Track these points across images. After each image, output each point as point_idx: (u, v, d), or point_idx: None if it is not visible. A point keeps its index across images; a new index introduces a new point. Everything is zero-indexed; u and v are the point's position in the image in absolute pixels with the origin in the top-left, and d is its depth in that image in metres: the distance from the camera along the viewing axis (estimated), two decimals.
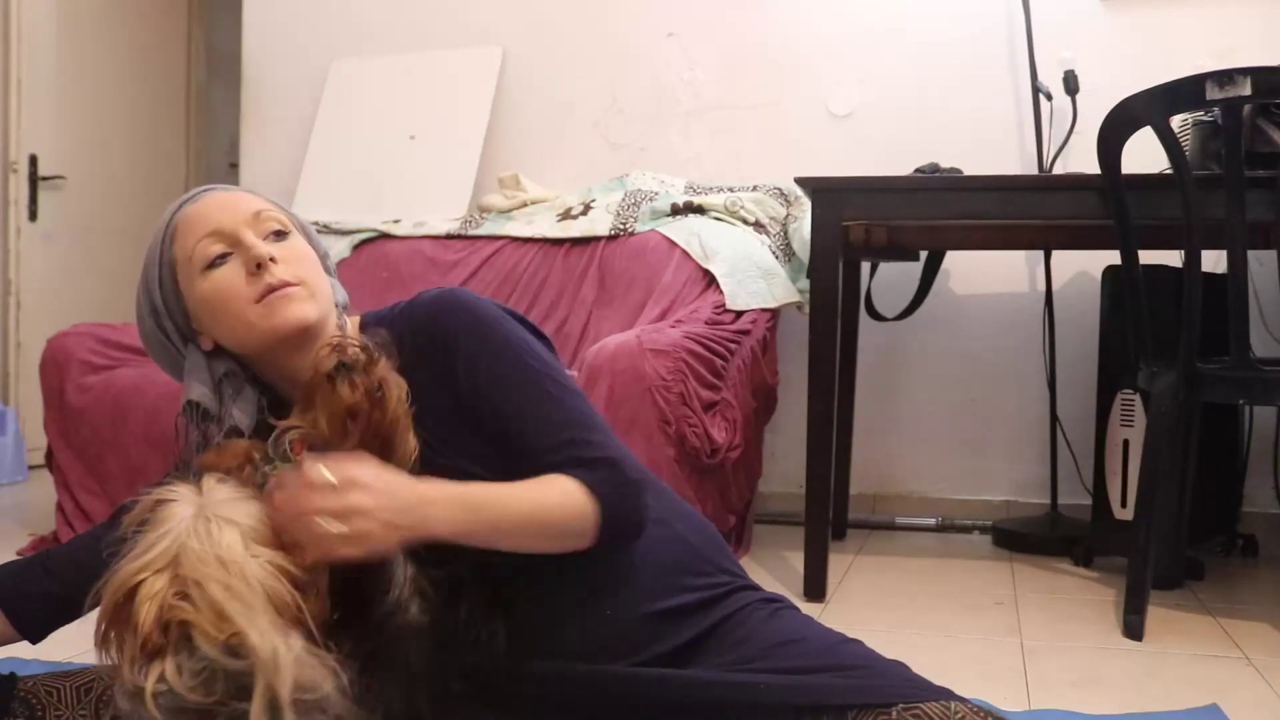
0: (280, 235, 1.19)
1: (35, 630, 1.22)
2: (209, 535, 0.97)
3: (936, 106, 3.20)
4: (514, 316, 1.22)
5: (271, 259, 1.16)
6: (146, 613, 0.95)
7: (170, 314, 1.21)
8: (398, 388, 1.08)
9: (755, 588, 1.26)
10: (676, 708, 1.12)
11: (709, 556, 1.24)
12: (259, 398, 1.20)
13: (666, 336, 2.38)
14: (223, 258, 1.16)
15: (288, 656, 0.93)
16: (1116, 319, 2.65)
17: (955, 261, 3.18)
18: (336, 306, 1.25)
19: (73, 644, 1.89)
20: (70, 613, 1.20)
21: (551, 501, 1.10)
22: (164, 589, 0.96)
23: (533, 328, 1.23)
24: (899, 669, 1.15)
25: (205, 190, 1.22)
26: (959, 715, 1.06)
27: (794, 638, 1.18)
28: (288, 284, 1.16)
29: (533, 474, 1.12)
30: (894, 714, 1.06)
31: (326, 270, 1.26)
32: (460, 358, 1.16)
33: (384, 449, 1.06)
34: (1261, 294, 2.78)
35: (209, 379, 1.18)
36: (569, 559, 1.13)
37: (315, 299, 1.18)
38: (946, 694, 1.10)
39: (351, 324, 1.26)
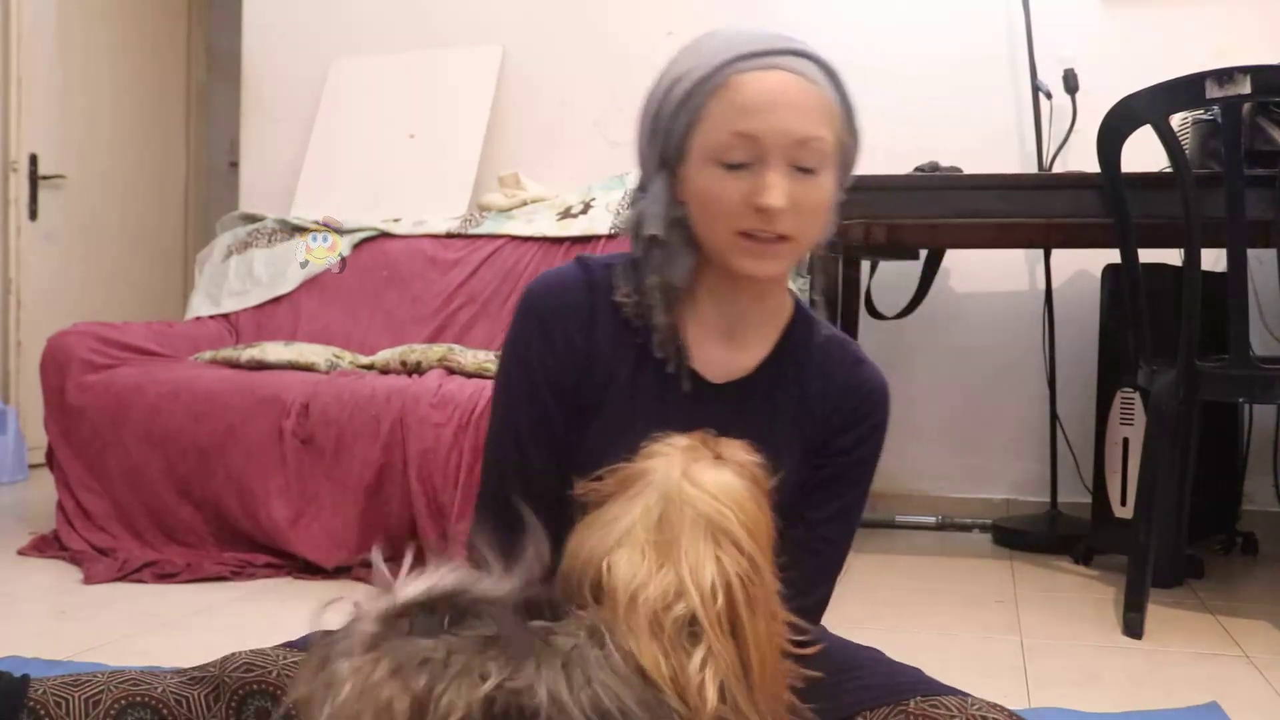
0: (808, 172, 1.07)
1: None
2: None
3: (936, 106, 3.20)
4: None
5: (782, 209, 1.05)
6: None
7: (668, 135, 1.10)
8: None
9: None
10: None
11: None
12: (696, 258, 1.13)
13: None
14: (742, 166, 1.05)
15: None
16: (1116, 317, 2.65)
17: (955, 260, 3.18)
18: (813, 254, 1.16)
19: (73, 643, 1.90)
20: None
21: None
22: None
23: None
24: (913, 672, 1.16)
25: (775, 59, 1.08)
26: (975, 708, 1.06)
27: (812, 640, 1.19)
28: (778, 240, 1.07)
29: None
30: (912, 705, 1.07)
31: (841, 180, 1.16)
32: (864, 445, 1.18)
33: None
34: (1261, 293, 2.78)
35: (665, 215, 1.11)
36: None
37: (795, 255, 1.11)
38: (961, 693, 1.10)
39: (788, 294, 1.22)
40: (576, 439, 1.14)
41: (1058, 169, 3.02)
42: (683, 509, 0.88)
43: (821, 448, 1.17)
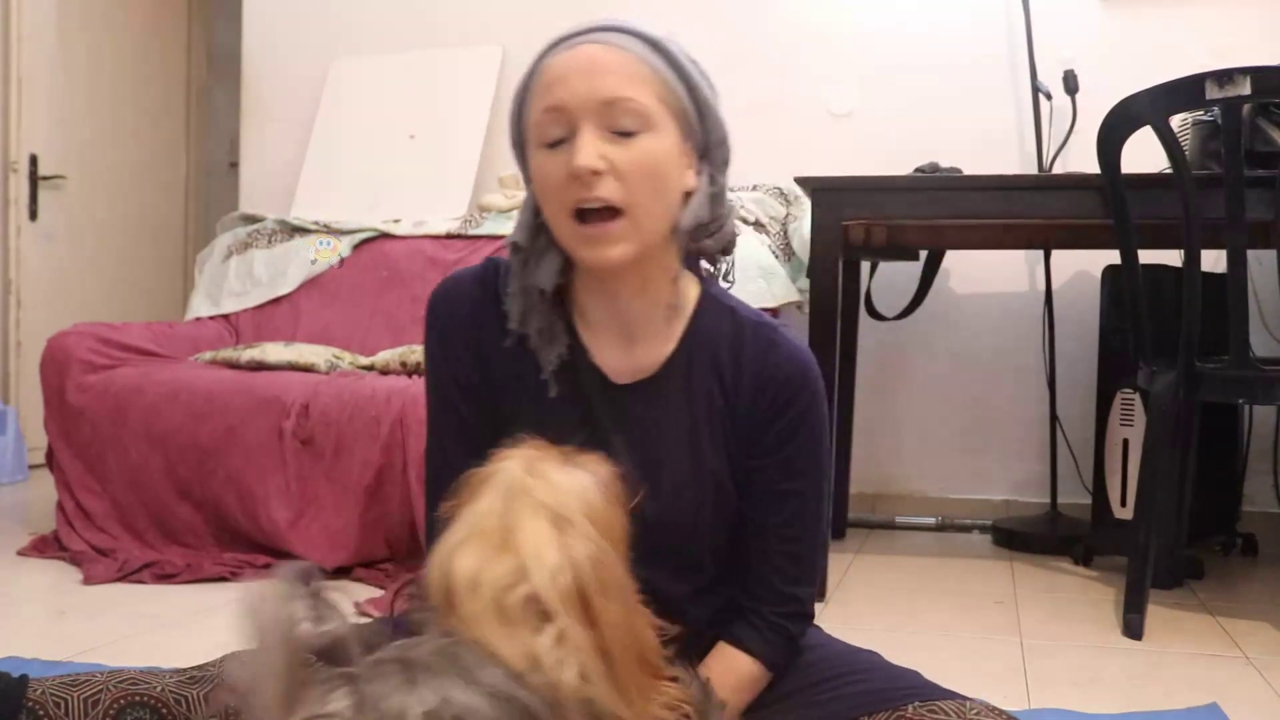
0: (628, 135, 1.04)
1: None
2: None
3: (936, 106, 3.20)
4: None
5: (597, 171, 1.02)
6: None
7: (517, 143, 1.14)
8: None
9: None
10: None
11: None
12: (562, 262, 1.12)
13: None
14: (561, 142, 1.05)
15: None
16: (1116, 318, 2.65)
17: (955, 261, 3.18)
18: (681, 233, 1.11)
19: (73, 643, 1.90)
20: None
21: (745, 698, 1.14)
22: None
23: None
24: (911, 676, 1.16)
25: (584, 37, 1.08)
26: (974, 711, 1.06)
27: (811, 644, 1.20)
28: (607, 219, 1.04)
29: (751, 541, 1.14)
30: (910, 711, 1.07)
31: (710, 161, 1.15)
32: (794, 441, 1.12)
33: None
34: (1261, 293, 2.78)
35: (529, 222, 1.13)
36: None
37: (637, 233, 1.05)
38: (959, 697, 1.10)
39: (691, 284, 1.17)
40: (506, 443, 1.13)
41: (1058, 170, 3.02)
42: (524, 500, 0.86)
43: (753, 447, 1.13)
